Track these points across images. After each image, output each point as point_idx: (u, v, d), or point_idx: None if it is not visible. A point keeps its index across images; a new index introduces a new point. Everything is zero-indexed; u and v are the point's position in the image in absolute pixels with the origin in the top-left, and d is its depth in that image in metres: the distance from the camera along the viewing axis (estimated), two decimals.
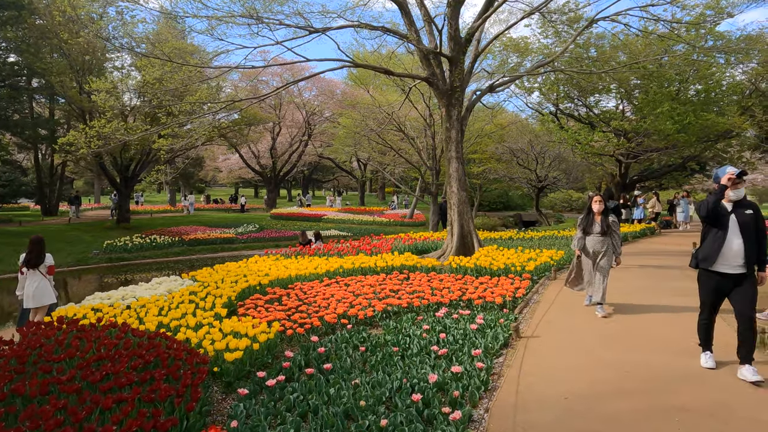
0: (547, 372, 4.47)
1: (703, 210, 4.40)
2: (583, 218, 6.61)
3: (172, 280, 9.08)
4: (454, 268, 9.45)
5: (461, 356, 4.75)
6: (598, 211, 6.49)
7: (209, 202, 43.67)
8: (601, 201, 6.48)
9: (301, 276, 9.10)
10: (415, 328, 5.79)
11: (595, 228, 6.47)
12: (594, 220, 6.51)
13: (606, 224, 6.43)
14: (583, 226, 6.58)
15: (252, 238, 22.87)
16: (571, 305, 7.01)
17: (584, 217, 6.60)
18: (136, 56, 19.15)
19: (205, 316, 6.14)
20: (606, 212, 6.50)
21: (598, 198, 6.51)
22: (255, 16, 10.08)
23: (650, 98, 16.81)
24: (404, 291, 7.56)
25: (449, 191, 11.64)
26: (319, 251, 12.24)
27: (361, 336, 5.59)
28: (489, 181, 30.26)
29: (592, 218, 6.53)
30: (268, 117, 34.87)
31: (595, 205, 6.49)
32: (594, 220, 6.52)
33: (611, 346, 5.11)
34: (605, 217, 6.48)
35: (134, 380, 3.75)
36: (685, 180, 35.67)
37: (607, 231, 6.41)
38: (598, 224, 6.48)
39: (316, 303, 7.04)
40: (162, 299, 7.30)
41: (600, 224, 6.46)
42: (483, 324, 5.76)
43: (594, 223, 6.50)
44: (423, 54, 11.46)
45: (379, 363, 4.70)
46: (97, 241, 20.06)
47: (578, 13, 13.90)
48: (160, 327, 5.82)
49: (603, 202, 6.51)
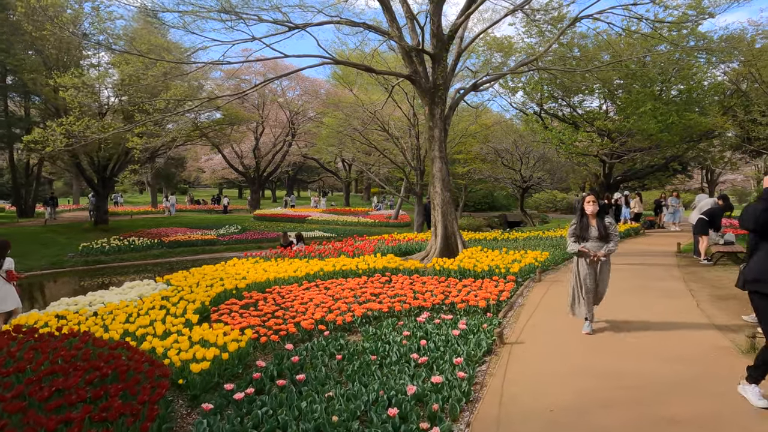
0: (531, 381, 4.26)
1: (751, 220, 3.63)
2: (576, 223, 5.69)
3: (145, 284, 8.73)
4: (438, 270, 9.23)
5: (442, 364, 4.52)
6: (592, 213, 5.62)
7: (192, 202, 43.00)
8: (594, 201, 5.61)
9: (280, 279, 8.81)
10: (395, 334, 5.55)
11: (592, 233, 5.58)
12: (589, 224, 5.62)
13: (603, 227, 5.58)
14: (576, 232, 5.66)
15: (234, 239, 22.45)
16: (556, 308, 6.83)
17: (577, 222, 5.69)
18: (112, 53, 18.67)
19: (175, 323, 5.84)
20: (601, 213, 5.69)
21: (591, 198, 5.64)
22: (232, 11, 9.76)
23: (633, 98, 16.82)
24: (386, 294, 7.31)
25: (432, 191, 11.43)
26: (300, 253, 11.95)
27: (338, 343, 5.34)
28: (474, 181, 30.16)
29: (586, 222, 5.63)
30: (251, 116, 34.41)
31: (589, 206, 5.60)
32: (589, 223, 5.62)
33: (599, 352, 4.92)
34: (601, 220, 5.64)
35: (86, 397, 3.46)
36: (667, 180, 36.00)
37: (606, 235, 5.54)
38: (594, 228, 5.59)
39: (293, 308, 6.77)
40: (132, 305, 6.97)
41: (597, 228, 5.58)
42: (466, 329, 5.54)
43: (589, 227, 5.61)
44: (405, 51, 11.24)
45: (355, 373, 4.45)
46: (73, 244, 19.51)
47: (562, 13, 13.80)
48: (126, 335, 5.50)
49: (597, 203, 5.66)
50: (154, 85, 10.80)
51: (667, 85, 18.43)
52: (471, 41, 12.14)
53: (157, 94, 10.74)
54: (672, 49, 15.38)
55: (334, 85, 32.43)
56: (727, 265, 10.22)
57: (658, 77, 17.36)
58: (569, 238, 5.71)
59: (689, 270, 9.70)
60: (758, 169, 41.47)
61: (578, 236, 5.63)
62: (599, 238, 5.55)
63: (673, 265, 10.31)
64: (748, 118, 16.58)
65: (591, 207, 5.60)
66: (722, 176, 45.84)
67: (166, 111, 10.38)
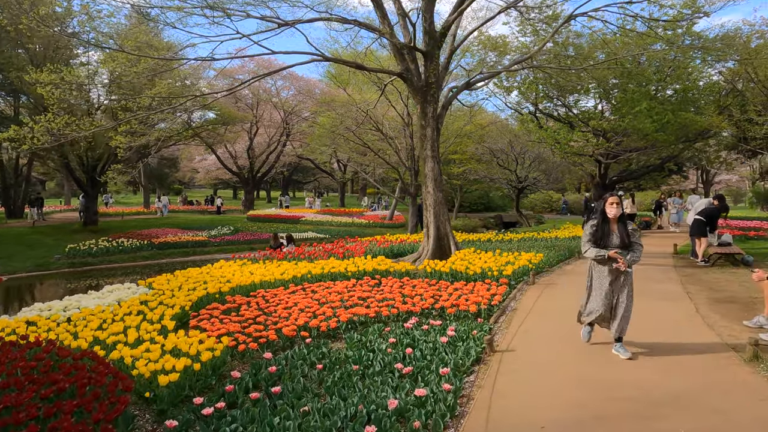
0: (522, 393, 4.00)
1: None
2: (595, 227, 4.89)
3: (126, 287, 8.44)
4: (429, 272, 8.97)
5: (428, 375, 4.25)
6: (614, 217, 4.83)
7: (185, 203, 42.59)
8: (618, 204, 4.82)
9: (266, 283, 8.53)
10: (380, 341, 5.29)
11: (613, 240, 4.81)
12: (610, 230, 4.86)
13: (626, 234, 4.81)
14: (594, 237, 4.86)
15: (226, 241, 22.13)
16: (550, 313, 6.58)
17: (597, 226, 4.88)
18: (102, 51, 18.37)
19: (150, 330, 5.55)
20: (623, 218, 4.90)
21: (615, 200, 4.84)
22: (218, 8, 9.48)
23: (629, 97, 16.61)
24: (374, 298, 7.05)
25: (425, 192, 11.18)
26: (290, 255, 11.67)
27: (320, 351, 5.07)
28: (469, 182, 29.95)
29: (607, 228, 4.86)
30: (245, 116, 34.09)
31: (611, 209, 4.82)
32: (610, 229, 4.86)
33: (594, 361, 4.66)
34: (624, 225, 4.86)
35: (37, 415, 3.17)
36: (663, 180, 35.88)
37: (628, 244, 4.80)
38: (616, 235, 4.83)
39: (276, 313, 6.49)
40: (108, 310, 6.68)
41: (619, 235, 4.82)
42: (454, 336, 5.28)
43: (610, 234, 4.84)
44: (397, 49, 10.98)
45: (335, 384, 4.18)
46: (61, 245, 19.13)
47: (556, 11, 13.61)
48: (96, 343, 5.21)
49: (621, 205, 4.88)
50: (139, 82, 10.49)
51: (663, 85, 18.23)
52: (464, 38, 11.91)
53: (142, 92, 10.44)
54: (667, 48, 15.19)
55: (328, 84, 32.18)
56: (725, 266, 10.01)
57: (654, 76, 17.16)
58: (585, 241, 4.93)
59: (686, 272, 9.48)
60: (753, 170, 41.46)
61: (597, 243, 4.85)
62: (620, 246, 4.80)
63: (670, 267, 10.09)
64: (744, 118, 16.39)
65: (614, 210, 4.83)
66: (717, 177, 45.85)
67: (151, 109, 10.08)
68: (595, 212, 11.78)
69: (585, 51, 16.87)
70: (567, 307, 6.90)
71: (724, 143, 22.61)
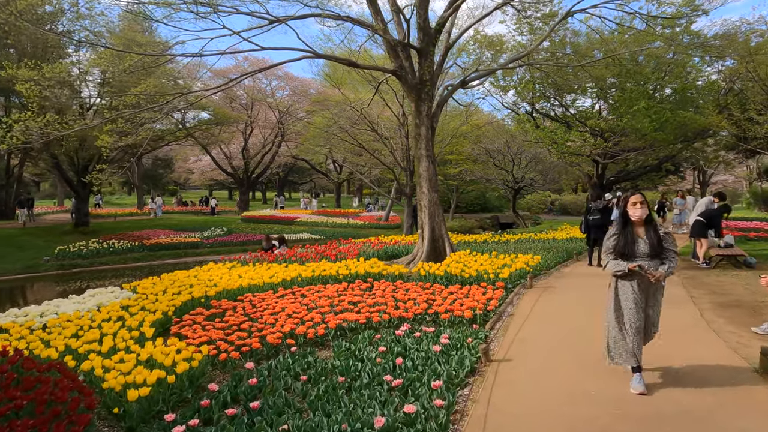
0: (519, 409, 3.72)
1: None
2: (616, 234, 4.06)
3: (109, 291, 8.14)
4: (423, 275, 8.69)
5: (419, 388, 3.97)
6: (640, 219, 3.99)
7: (180, 204, 42.19)
8: (643, 203, 3.99)
9: (254, 286, 8.23)
10: (370, 350, 5.01)
11: (640, 248, 3.94)
12: (636, 236, 3.99)
13: (657, 239, 3.94)
14: (616, 247, 4.01)
15: (219, 242, 21.82)
16: (548, 319, 6.31)
17: (618, 233, 4.05)
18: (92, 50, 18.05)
19: (126, 338, 5.25)
20: (650, 220, 4.06)
21: (639, 198, 4.00)
22: (206, 3, 9.18)
23: (626, 95, 16.39)
24: (365, 303, 6.76)
25: (419, 192, 10.90)
26: (281, 257, 11.38)
27: (306, 361, 4.78)
28: (465, 182, 29.71)
29: (631, 233, 3.99)
30: (239, 117, 33.77)
31: (636, 209, 3.97)
32: (635, 235, 3.99)
33: (596, 373, 4.37)
34: (652, 229, 4.00)
35: None
36: (660, 181, 35.74)
37: (659, 251, 3.94)
38: (643, 241, 3.96)
39: (262, 319, 6.20)
40: (87, 316, 6.38)
41: (647, 241, 3.95)
42: (448, 344, 5.00)
43: (636, 241, 3.97)
44: (390, 46, 10.71)
45: (319, 398, 3.90)
46: (51, 247, 18.76)
47: (553, 10, 13.38)
48: (69, 353, 4.91)
49: (647, 205, 4.03)
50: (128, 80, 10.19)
51: (661, 84, 18.02)
52: (459, 35, 11.65)
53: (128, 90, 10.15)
54: (664, 47, 14.99)
55: (323, 84, 31.90)
56: (727, 268, 9.76)
57: (652, 75, 16.94)
58: (606, 254, 4.09)
59: (688, 274, 9.23)
60: (750, 170, 41.36)
61: (621, 253, 3.98)
62: (651, 255, 3.92)
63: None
64: (745, 117, 16.18)
65: (639, 211, 3.96)
66: (714, 177, 45.74)
67: (138, 107, 9.78)
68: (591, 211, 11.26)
69: (582, 49, 16.65)
70: (566, 312, 6.65)
71: (724, 143, 22.41)
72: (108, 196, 53.19)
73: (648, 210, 4.02)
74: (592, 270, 10.24)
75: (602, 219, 10.48)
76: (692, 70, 18.25)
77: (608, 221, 10.96)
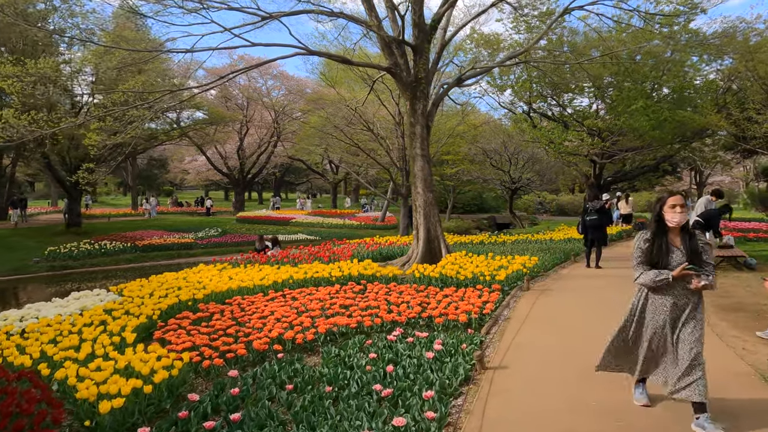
0: (515, 420, 3.51)
1: None
2: (649, 242, 3.39)
3: (95, 294, 7.90)
4: (417, 277, 8.48)
5: (410, 399, 3.75)
6: (679, 225, 3.35)
7: (175, 204, 41.87)
8: (684, 206, 3.34)
9: (244, 289, 8.02)
10: (360, 356, 4.80)
11: (676, 259, 3.30)
12: (670, 246, 3.34)
13: (697, 251, 3.31)
14: (648, 257, 3.37)
15: (213, 243, 21.57)
16: (546, 323, 6.11)
17: (651, 241, 3.39)
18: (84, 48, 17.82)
19: (106, 344, 5.03)
20: (689, 228, 3.44)
21: (679, 200, 3.35)
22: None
23: (624, 95, 16.23)
24: (357, 307, 6.55)
25: (414, 192, 10.70)
26: (273, 259, 11.15)
27: (293, 368, 4.57)
28: (462, 182, 29.53)
29: (665, 242, 3.34)
30: (234, 116, 33.51)
31: (675, 213, 3.31)
32: (670, 244, 3.35)
33: (596, 382, 4.14)
34: (692, 238, 3.36)
35: None
36: (657, 181, 35.65)
37: (697, 264, 3.27)
38: (680, 252, 3.32)
39: (250, 323, 5.99)
40: (68, 320, 6.15)
41: (684, 251, 3.31)
42: (442, 350, 4.79)
43: (671, 251, 3.33)
44: (385, 42, 10.50)
45: (304, 409, 3.68)
46: (42, 248, 18.48)
47: (550, 8, 13.21)
48: (44, 360, 4.68)
49: (687, 208, 3.41)
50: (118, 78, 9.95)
51: (659, 83, 17.87)
52: (455, 32, 11.48)
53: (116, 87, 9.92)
54: (664, 44, 14.82)
55: (318, 83, 31.67)
56: (727, 270, 9.59)
57: (650, 73, 16.78)
58: (636, 264, 3.43)
59: None
60: (747, 171, 41.30)
61: (653, 264, 3.35)
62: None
63: None
64: (744, 116, 16.04)
65: (678, 216, 3.31)
66: (710, 178, 45.71)
67: (126, 104, 9.54)
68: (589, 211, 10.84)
69: (580, 48, 16.49)
70: (564, 316, 6.46)
71: (722, 142, 22.27)
72: (104, 196, 52.92)
73: (688, 216, 3.46)
74: (591, 271, 10.05)
75: (600, 219, 10.29)
76: (690, 69, 18.10)
77: (606, 222, 10.77)
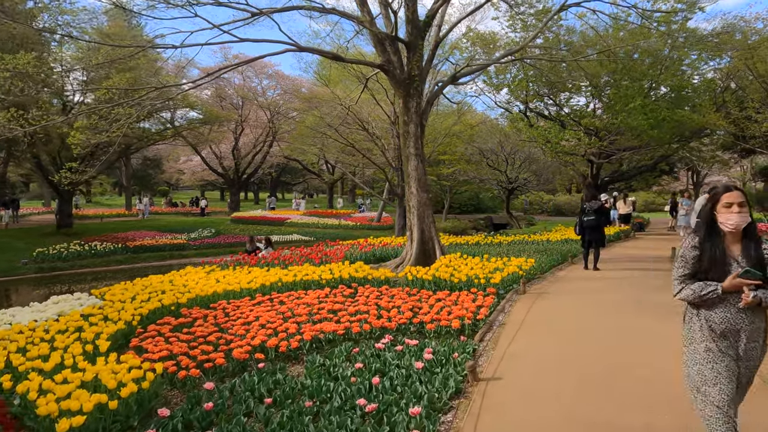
0: None
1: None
2: (698, 248, 2.65)
3: (75, 298, 7.61)
4: (410, 280, 8.22)
5: (395, 414, 3.49)
6: (737, 228, 2.57)
7: (170, 205, 41.52)
8: (744, 205, 2.56)
9: (230, 292, 7.74)
10: (346, 366, 4.54)
11: (731, 269, 2.56)
12: (726, 254, 2.59)
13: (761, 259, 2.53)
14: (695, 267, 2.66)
15: (206, 244, 21.28)
16: (543, 329, 5.86)
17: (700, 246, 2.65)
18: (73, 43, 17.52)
19: (77, 354, 4.75)
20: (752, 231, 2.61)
21: (738, 198, 2.57)
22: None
23: (622, 93, 16.00)
24: (346, 311, 6.29)
25: (408, 192, 10.44)
26: (263, 260, 10.88)
27: (274, 379, 4.30)
28: (459, 182, 29.31)
29: (720, 249, 2.59)
30: (229, 116, 33.20)
31: (731, 215, 2.56)
32: (726, 252, 2.59)
33: (594, 395, 3.90)
34: (757, 245, 2.58)
35: None
36: (655, 181, 35.46)
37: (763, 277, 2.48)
38: (738, 262, 2.56)
39: (233, 329, 5.72)
40: (42, 327, 5.86)
41: (742, 262, 2.55)
42: (432, 360, 4.53)
43: (727, 262, 2.57)
44: (378, 39, 10.25)
45: (282, 426, 3.42)
46: (31, 249, 18.15)
47: (546, 6, 12.98)
48: (9, 370, 4.40)
49: (748, 208, 2.59)
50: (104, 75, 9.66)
51: (657, 81, 17.65)
52: (450, 29, 11.24)
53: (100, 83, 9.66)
54: (661, 42, 14.62)
55: (314, 82, 31.40)
56: None
57: (648, 71, 16.56)
58: (678, 276, 2.73)
59: None
60: (744, 171, 41.17)
61: (703, 277, 2.63)
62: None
63: (668, 273, 9.41)
64: (743, 116, 15.83)
65: (737, 217, 2.55)
66: (708, 178, 45.61)
67: (111, 101, 9.27)
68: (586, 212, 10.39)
69: (577, 47, 16.26)
70: (562, 321, 6.20)
71: (721, 142, 22.08)
72: (98, 196, 52.49)
73: (751, 216, 2.58)
74: (588, 274, 9.81)
75: (597, 220, 10.07)
76: (689, 68, 17.90)
77: (604, 222, 10.53)
